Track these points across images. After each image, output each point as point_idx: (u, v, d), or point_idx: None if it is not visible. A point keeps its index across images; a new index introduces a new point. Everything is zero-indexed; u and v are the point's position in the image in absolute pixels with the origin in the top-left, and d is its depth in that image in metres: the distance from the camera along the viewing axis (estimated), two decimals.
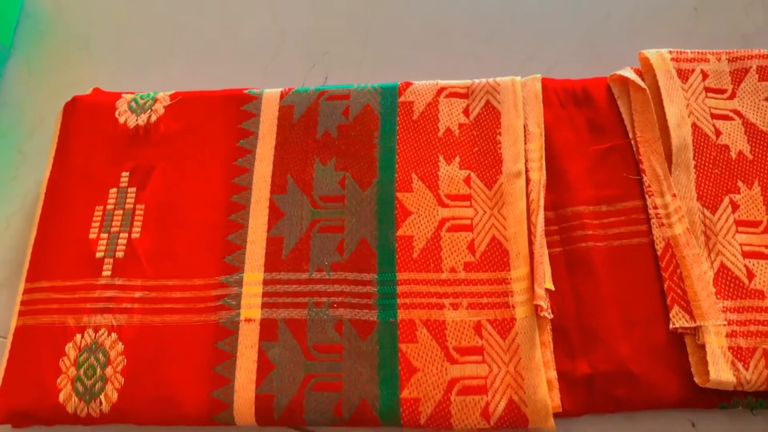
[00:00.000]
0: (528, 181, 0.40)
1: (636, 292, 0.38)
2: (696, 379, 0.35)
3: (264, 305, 0.38)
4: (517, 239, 0.38)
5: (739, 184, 0.39)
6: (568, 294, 0.38)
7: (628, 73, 0.42)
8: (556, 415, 0.35)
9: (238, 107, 0.44)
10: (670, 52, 0.42)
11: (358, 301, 0.38)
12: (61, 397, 0.37)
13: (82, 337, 0.38)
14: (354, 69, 0.49)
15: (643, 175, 0.40)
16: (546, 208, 0.41)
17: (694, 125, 0.40)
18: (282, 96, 0.44)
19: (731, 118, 0.41)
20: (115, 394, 0.36)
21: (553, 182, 0.41)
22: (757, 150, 0.40)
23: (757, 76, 0.42)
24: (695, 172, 0.39)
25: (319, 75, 0.49)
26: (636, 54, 0.43)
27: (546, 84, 0.44)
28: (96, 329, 0.38)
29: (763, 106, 0.41)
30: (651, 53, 0.42)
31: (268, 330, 0.37)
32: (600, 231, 0.40)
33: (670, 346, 0.36)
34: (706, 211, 0.39)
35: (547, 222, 0.40)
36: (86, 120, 0.45)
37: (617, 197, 0.40)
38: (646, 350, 0.36)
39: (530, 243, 0.38)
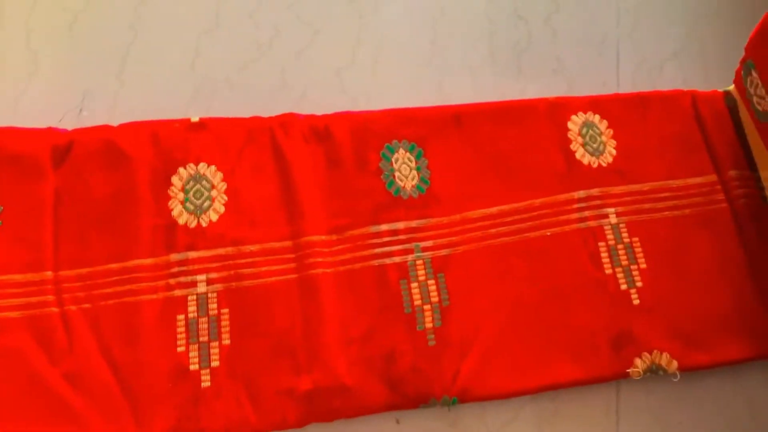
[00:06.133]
0: None
1: (355, 314, 0.43)
2: None
3: None
4: None
5: None
6: (298, 317, 0.43)
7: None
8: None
9: None
10: None
11: None
12: None
13: None
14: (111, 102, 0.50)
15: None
16: (284, 238, 0.45)
17: None
18: None
19: None
20: None
21: (292, 213, 0.45)
22: None
23: None
24: None
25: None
26: None
27: (292, 119, 0.48)
28: None
29: None
30: None
31: None
32: (329, 258, 0.44)
33: (379, 362, 0.42)
34: None
35: (284, 251, 0.44)
36: None
37: (345, 226, 0.45)
38: (360, 365, 0.42)
39: None
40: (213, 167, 0.46)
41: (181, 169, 0.46)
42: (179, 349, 0.42)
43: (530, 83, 0.53)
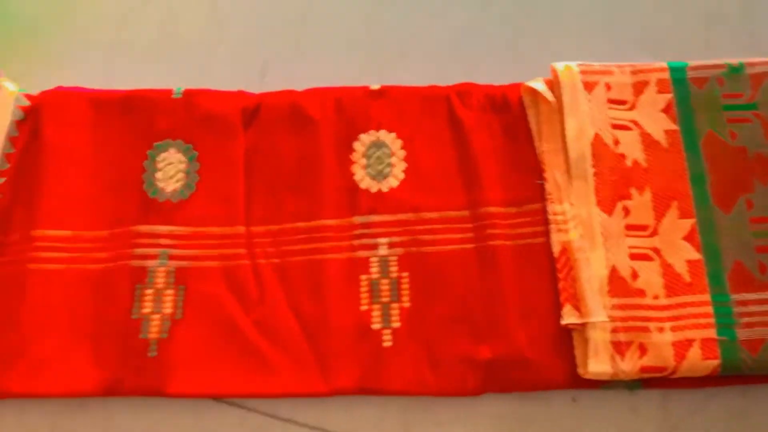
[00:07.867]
0: None
1: (535, 288, 0.43)
2: (579, 370, 0.40)
3: None
4: None
5: (632, 190, 0.44)
6: (476, 286, 0.43)
7: (538, 85, 0.46)
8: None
9: None
10: (579, 65, 0.46)
11: None
12: None
13: None
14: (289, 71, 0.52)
15: (545, 183, 0.44)
16: (461, 208, 0.45)
17: (596, 135, 0.44)
18: None
19: (629, 128, 0.45)
20: None
21: (470, 183, 0.45)
22: (650, 158, 0.44)
23: (656, 88, 0.46)
24: (594, 180, 0.44)
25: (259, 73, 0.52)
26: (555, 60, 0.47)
27: (469, 89, 0.48)
28: None
29: (659, 117, 0.45)
30: (560, 66, 0.46)
31: None
32: (508, 230, 0.44)
33: (561, 338, 0.41)
34: (603, 215, 0.43)
35: (462, 220, 0.44)
36: None
37: (525, 200, 0.45)
38: (540, 340, 0.41)
39: None
40: (393, 134, 0.47)
41: (362, 135, 0.47)
42: (362, 308, 0.43)
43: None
